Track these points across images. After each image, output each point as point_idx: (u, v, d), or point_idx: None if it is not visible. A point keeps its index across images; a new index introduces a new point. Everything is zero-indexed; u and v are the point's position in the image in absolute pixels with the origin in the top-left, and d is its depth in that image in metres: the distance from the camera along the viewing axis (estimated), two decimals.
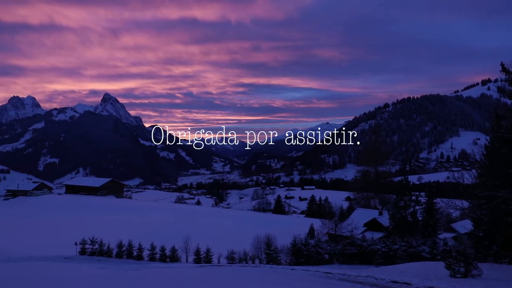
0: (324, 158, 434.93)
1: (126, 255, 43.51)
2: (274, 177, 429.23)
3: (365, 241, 38.73)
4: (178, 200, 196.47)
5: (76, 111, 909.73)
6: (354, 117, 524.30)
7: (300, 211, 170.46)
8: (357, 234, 48.78)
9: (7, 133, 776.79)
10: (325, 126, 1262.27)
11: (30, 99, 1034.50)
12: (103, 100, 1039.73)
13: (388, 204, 68.57)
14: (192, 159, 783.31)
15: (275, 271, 24.86)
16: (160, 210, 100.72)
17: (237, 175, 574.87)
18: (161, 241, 44.64)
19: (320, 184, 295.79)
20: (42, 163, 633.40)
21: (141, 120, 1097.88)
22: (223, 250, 41.14)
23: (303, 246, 38.51)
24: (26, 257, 42.27)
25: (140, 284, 17.19)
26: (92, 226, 63.77)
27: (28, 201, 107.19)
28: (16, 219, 78.83)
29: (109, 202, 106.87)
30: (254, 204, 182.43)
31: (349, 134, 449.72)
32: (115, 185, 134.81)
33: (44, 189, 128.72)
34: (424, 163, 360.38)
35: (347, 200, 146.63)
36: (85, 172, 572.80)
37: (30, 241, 56.89)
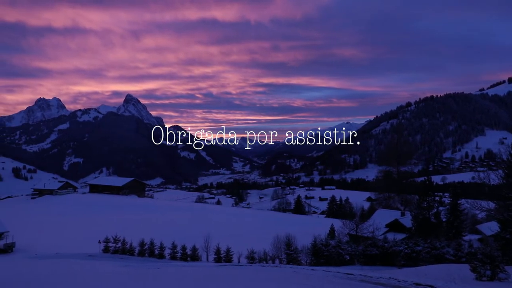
0: (345, 158, 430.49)
1: (148, 254, 44.12)
2: (294, 177, 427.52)
3: (387, 242, 38.09)
4: (199, 200, 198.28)
5: (99, 112, 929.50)
6: (375, 117, 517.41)
7: (320, 211, 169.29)
8: (379, 235, 48.04)
9: (34, 134, 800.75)
10: (345, 126, 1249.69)
11: (56, 100, 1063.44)
12: (125, 101, 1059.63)
13: (411, 204, 67.37)
14: (212, 159, 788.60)
15: (295, 272, 24.77)
16: (181, 209, 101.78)
17: (257, 175, 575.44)
18: (182, 240, 45.11)
19: (340, 184, 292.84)
20: (67, 163, 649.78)
21: (162, 120, 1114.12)
22: (243, 249, 41.25)
23: (324, 246, 38.21)
24: (52, 254, 43.47)
25: (162, 282, 17.42)
26: (115, 225, 65.02)
27: (54, 200, 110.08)
28: (42, 218, 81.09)
29: (131, 201, 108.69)
30: (274, 204, 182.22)
31: (370, 133, 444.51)
32: (137, 184, 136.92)
33: (69, 188, 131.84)
34: (448, 163, 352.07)
35: (368, 200, 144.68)
36: (108, 172, 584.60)
37: (55, 238, 58.43)
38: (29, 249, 49.85)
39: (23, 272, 21.88)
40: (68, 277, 18.49)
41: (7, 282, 16.80)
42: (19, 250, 49.58)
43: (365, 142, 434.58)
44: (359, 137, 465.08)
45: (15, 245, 50.60)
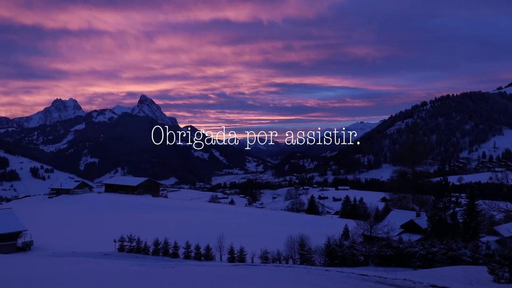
0: (359, 158, 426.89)
1: (162, 253, 44.48)
2: (307, 177, 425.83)
3: (402, 243, 37.63)
4: (212, 200, 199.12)
5: (114, 112, 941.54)
6: (390, 116, 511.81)
7: (334, 211, 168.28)
8: (394, 236, 47.50)
9: (51, 134, 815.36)
10: (359, 126, 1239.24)
11: (72, 101, 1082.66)
12: (140, 101, 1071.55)
13: (426, 205, 66.50)
14: (225, 159, 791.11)
15: (309, 272, 24.68)
16: (194, 209, 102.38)
17: (270, 175, 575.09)
18: (195, 239, 45.35)
19: (354, 185, 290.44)
20: (83, 162, 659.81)
21: (176, 120, 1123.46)
22: (257, 249, 41.27)
23: (338, 247, 37.97)
24: (69, 253, 44.23)
25: (176, 281, 17.55)
26: (129, 224, 65.74)
27: (70, 199, 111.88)
28: (59, 217, 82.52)
29: (146, 201, 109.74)
30: (288, 204, 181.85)
31: (384, 133, 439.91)
32: (152, 184, 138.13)
33: (85, 187, 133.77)
34: (465, 163, 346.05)
35: (383, 201, 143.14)
36: (123, 172, 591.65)
37: (72, 237, 59.41)
38: (46, 248, 50.79)
39: (41, 269, 22.30)
40: (85, 275, 18.77)
41: (28, 279, 17.16)
42: (36, 248, 50.55)
43: (379, 142, 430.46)
44: (373, 137, 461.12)
45: (33, 244, 51.61)
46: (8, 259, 32.19)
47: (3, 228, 49.60)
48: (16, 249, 49.80)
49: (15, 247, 49.94)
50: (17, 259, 32.06)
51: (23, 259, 33.76)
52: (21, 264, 26.24)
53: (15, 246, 50.04)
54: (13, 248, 49.50)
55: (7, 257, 35.74)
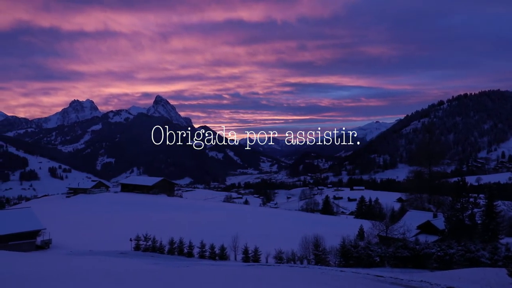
0: (374, 158, 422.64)
1: (177, 252, 44.81)
2: (322, 177, 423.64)
3: (418, 244, 37.12)
4: (227, 199, 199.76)
5: (130, 113, 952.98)
6: (406, 115, 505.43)
7: (349, 212, 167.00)
8: (410, 237, 46.90)
9: (68, 135, 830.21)
10: (375, 125, 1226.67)
11: (89, 102, 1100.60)
12: (155, 102, 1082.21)
13: (444, 206, 65.58)
14: (240, 159, 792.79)
15: (324, 273, 24.56)
16: (209, 209, 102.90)
17: (285, 175, 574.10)
18: (210, 239, 45.58)
19: (369, 185, 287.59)
20: (99, 162, 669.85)
21: (190, 121, 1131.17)
22: (271, 249, 41.26)
23: (353, 247, 37.69)
24: (86, 251, 44.93)
25: (191, 280, 17.68)
26: (145, 223, 66.47)
27: (87, 198, 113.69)
28: (76, 216, 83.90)
29: (161, 201, 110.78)
30: (302, 204, 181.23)
31: (400, 133, 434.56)
32: (167, 184, 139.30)
33: (101, 187, 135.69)
34: (483, 163, 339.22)
35: (399, 201, 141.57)
36: (139, 171, 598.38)
37: (89, 236, 60.35)
38: (64, 246, 51.71)
39: (60, 267, 22.75)
40: (102, 274, 19.07)
41: (48, 277, 17.53)
42: (55, 247, 51.51)
43: (395, 141, 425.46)
44: (389, 136, 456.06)
45: (51, 242, 52.62)
46: (27, 257, 32.91)
47: (22, 227, 50.69)
48: (35, 247, 50.84)
49: (34, 245, 50.99)
50: (37, 257, 32.74)
51: (43, 256, 34.46)
52: (40, 262, 26.80)
53: (34, 244, 51.09)
54: (33, 246, 50.55)
55: (27, 255, 36.54)
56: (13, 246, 47.38)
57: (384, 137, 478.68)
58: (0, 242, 46.85)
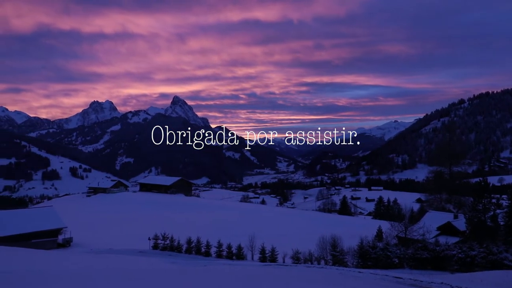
0: (393, 157, 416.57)
1: (195, 251, 45.16)
2: (339, 177, 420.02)
3: (438, 246, 36.45)
4: (243, 199, 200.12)
5: (148, 113, 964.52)
6: (425, 115, 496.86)
7: (367, 212, 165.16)
8: (430, 238, 46.09)
9: (89, 135, 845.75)
10: (393, 125, 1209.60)
11: (108, 103, 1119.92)
12: (173, 102, 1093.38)
13: (465, 207, 64.34)
14: (256, 159, 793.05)
15: (342, 273, 24.36)
16: (226, 208, 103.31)
17: (301, 175, 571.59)
18: (227, 238, 45.78)
19: (388, 185, 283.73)
20: (118, 162, 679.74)
21: (207, 121, 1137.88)
22: (288, 249, 41.16)
23: (371, 248, 37.26)
24: (106, 250, 45.68)
25: (209, 279, 17.79)
26: (163, 222, 67.20)
27: (107, 197, 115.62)
28: (96, 215, 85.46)
29: (179, 200, 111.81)
30: (319, 204, 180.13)
31: (419, 132, 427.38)
32: (184, 183, 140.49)
33: (120, 187, 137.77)
34: (506, 163, 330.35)
35: (418, 202, 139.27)
36: (157, 171, 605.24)
37: (108, 234, 61.37)
38: (84, 244, 52.74)
39: (82, 265, 23.20)
40: (122, 272, 19.37)
41: (72, 274, 17.90)
42: (76, 245, 52.60)
43: (414, 141, 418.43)
44: (408, 136, 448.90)
45: (72, 240, 53.75)
46: (50, 254, 33.69)
47: (45, 225, 51.96)
48: (57, 245, 52.04)
49: (56, 243, 52.19)
50: (59, 255, 33.49)
51: (65, 254, 35.23)
52: (63, 260, 27.39)
53: (56, 242, 52.29)
54: (54, 244, 51.75)
55: (49, 253, 37.42)
56: (35, 244, 48.62)
57: (403, 137, 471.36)
58: (23, 240, 48.11)
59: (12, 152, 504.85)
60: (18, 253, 31.64)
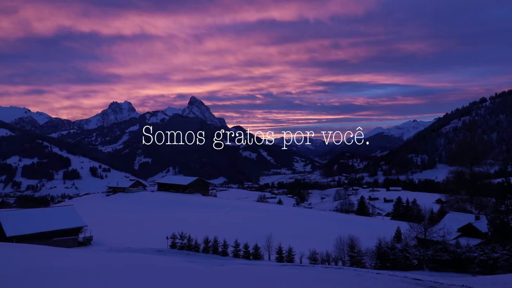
0: (412, 157, 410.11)
1: (212, 251, 45.41)
2: (356, 178, 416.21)
3: (459, 248, 35.74)
4: (260, 199, 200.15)
5: (166, 114, 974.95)
6: (445, 114, 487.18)
7: (385, 213, 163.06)
8: (450, 239, 45.25)
9: (108, 136, 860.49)
10: (412, 124, 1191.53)
11: (127, 104, 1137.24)
12: (190, 103, 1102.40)
13: (486, 208, 63.00)
14: (273, 159, 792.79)
15: (360, 274, 24.13)
16: (243, 208, 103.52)
17: (318, 175, 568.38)
18: (244, 238, 45.86)
19: (407, 186, 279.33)
20: (137, 162, 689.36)
21: (224, 121, 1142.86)
22: (305, 250, 40.99)
23: (389, 249, 36.79)
24: (124, 248, 46.38)
25: (227, 279, 17.88)
26: (180, 222, 67.79)
27: (126, 197, 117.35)
28: (115, 214, 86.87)
29: (196, 200, 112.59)
30: (336, 204, 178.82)
31: (439, 132, 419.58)
32: (202, 183, 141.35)
33: (139, 186, 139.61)
34: None
35: (438, 202, 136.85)
36: (174, 171, 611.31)
37: (127, 233, 62.30)
38: (104, 243, 53.67)
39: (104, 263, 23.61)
40: (143, 270, 19.64)
41: (94, 272, 18.25)
42: (95, 243, 53.59)
43: (433, 141, 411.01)
44: (427, 135, 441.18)
45: (92, 239, 54.78)
46: (72, 252, 34.41)
47: (66, 224, 53.12)
48: (77, 243, 53.13)
49: (77, 241, 53.29)
50: (80, 253, 34.17)
51: (86, 252, 35.92)
52: (85, 257, 27.94)
53: (77, 240, 53.40)
54: (75, 242, 52.85)
55: (71, 251, 38.24)
56: (57, 242, 49.77)
57: (422, 136, 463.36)
58: (46, 238, 49.30)
59: (34, 152, 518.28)
60: (41, 251, 32.44)
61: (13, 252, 29.31)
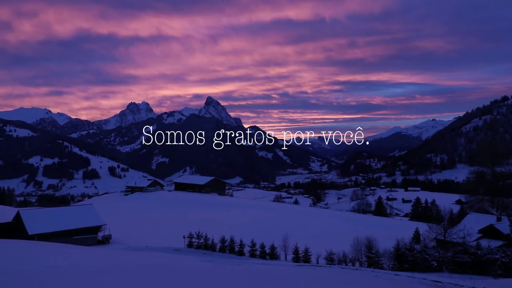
0: (431, 157, 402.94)
1: (229, 250, 45.59)
2: (374, 178, 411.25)
3: (480, 249, 34.99)
4: (276, 199, 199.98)
5: (183, 114, 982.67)
6: (466, 113, 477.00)
7: (403, 213, 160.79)
8: (470, 241, 44.31)
9: (126, 136, 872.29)
10: (431, 123, 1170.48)
11: (144, 104, 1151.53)
12: (206, 103, 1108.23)
13: (508, 209, 61.59)
14: (289, 159, 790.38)
15: (377, 276, 23.88)
16: (259, 208, 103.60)
17: (335, 175, 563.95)
18: (260, 238, 45.91)
19: (425, 186, 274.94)
20: (154, 162, 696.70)
21: (240, 121, 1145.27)
22: (322, 250, 40.79)
23: (408, 251, 36.29)
24: (143, 247, 46.98)
25: (245, 279, 17.95)
26: (197, 221, 68.27)
27: (143, 196, 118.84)
28: (133, 212, 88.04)
29: (213, 199, 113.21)
30: (353, 205, 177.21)
31: (459, 131, 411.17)
32: (218, 183, 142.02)
33: (156, 186, 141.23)
34: None
35: (458, 203, 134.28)
36: (191, 171, 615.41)
37: (145, 232, 63.08)
38: (122, 241, 54.48)
39: (122, 261, 24.01)
40: (162, 269, 19.88)
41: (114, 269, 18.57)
42: (114, 242, 54.41)
43: (453, 140, 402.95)
44: (447, 135, 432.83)
45: (111, 237, 55.66)
46: (91, 250, 35.08)
47: (86, 222, 54.13)
48: (97, 241, 54.07)
49: (96, 240, 54.23)
50: (100, 251, 34.81)
51: (105, 251, 36.55)
52: (104, 256, 28.43)
53: (96, 239, 54.33)
54: (94, 240, 53.79)
55: (91, 249, 38.99)
56: (77, 240, 50.74)
57: (441, 136, 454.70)
58: (66, 236, 50.34)
59: (55, 152, 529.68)
60: (62, 249, 33.17)
61: (35, 250, 30.07)
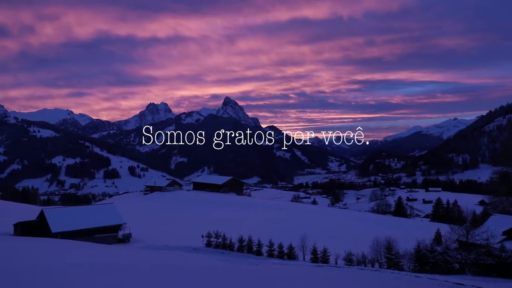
0: (452, 157, 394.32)
1: (246, 250, 45.64)
2: (393, 178, 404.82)
3: (504, 252, 34.05)
4: (294, 199, 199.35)
5: (201, 114, 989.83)
6: (489, 111, 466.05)
7: (424, 214, 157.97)
8: (494, 243, 43.21)
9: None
10: (452, 122, 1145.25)
11: (163, 105, 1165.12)
12: (224, 103, 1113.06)
13: None
14: (307, 159, 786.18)
15: (398, 277, 23.53)
16: (277, 208, 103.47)
17: (354, 175, 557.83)
18: (278, 238, 45.83)
19: (447, 186, 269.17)
20: (173, 162, 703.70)
21: (258, 121, 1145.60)
22: (340, 251, 40.44)
23: (429, 252, 35.61)
24: (162, 246, 47.54)
25: (263, 278, 17.96)
26: (215, 221, 68.68)
27: (162, 196, 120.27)
28: (153, 212, 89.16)
29: (231, 199, 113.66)
30: (372, 205, 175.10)
31: (482, 130, 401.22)
32: (236, 183, 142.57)
33: (175, 185, 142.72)
34: None
35: (481, 204, 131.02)
36: (209, 171, 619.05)
37: (164, 231, 63.80)
38: (142, 240, 55.22)
39: (142, 260, 24.36)
40: (176, 268, 20.09)
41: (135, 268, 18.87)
42: (134, 241, 55.21)
43: (476, 140, 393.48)
44: (469, 134, 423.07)
45: (131, 236, 56.50)
46: (113, 249, 35.70)
47: (107, 221, 55.11)
48: (117, 240, 54.95)
49: (116, 238, 55.12)
50: (121, 249, 35.39)
51: (125, 249, 37.15)
52: (125, 254, 28.90)
53: (116, 237, 55.22)
54: (115, 239, 54.68)
55: (112, 247, 39.68)
56: (98, 238, 51.69)
57: (463, 135, 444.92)
58: (88, 234, 51.35)
59: (77, 152, 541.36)
60: (84, 247, 33.87)
61: (58, 248, 30.80)
